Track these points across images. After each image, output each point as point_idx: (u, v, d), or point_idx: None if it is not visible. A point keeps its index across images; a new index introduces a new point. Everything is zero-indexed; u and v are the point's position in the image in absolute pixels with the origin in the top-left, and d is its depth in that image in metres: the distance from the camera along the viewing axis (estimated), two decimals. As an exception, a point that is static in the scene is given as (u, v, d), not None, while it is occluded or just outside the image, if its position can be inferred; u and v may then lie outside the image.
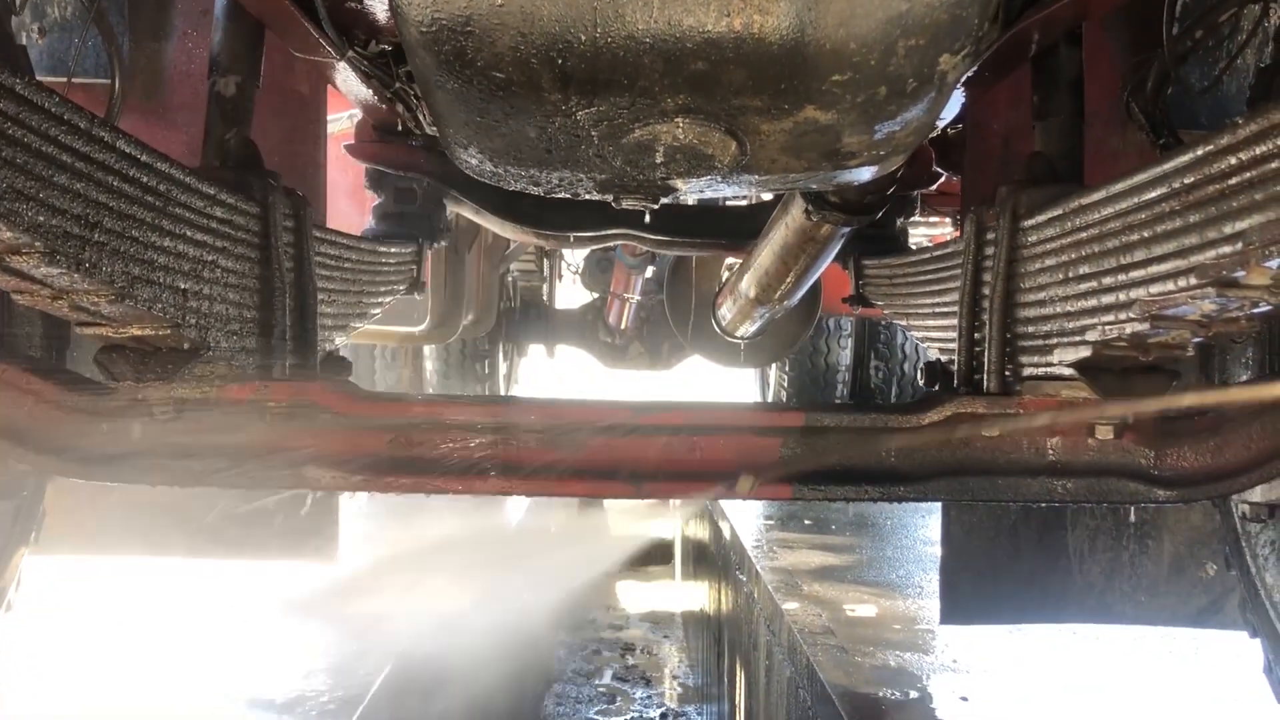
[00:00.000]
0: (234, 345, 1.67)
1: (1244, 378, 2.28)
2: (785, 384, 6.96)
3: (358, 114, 2.93)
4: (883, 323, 6.58)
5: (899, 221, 2.96)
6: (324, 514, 2.93)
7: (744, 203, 3.75)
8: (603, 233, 2.91)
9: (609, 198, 1.37)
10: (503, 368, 6.92)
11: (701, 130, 1.16)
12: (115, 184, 1.26)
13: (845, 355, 6.81)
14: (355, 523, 3.60)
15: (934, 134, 2.87)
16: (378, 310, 2.52)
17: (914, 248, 2.80)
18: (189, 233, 1.48)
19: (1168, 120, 2.09)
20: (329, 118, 3.18)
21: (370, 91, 2.31)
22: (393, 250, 2.62)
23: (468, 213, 3.07)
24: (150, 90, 2.71)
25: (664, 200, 1.37)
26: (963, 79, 2.14)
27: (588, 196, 1.40)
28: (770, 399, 7.33)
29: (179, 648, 3.36)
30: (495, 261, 5.33)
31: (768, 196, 3.06)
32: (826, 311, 4.33)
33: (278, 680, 3.09)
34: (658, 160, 1.22)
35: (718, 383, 8.83)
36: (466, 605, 3.86)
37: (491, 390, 6.63)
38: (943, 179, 2.99)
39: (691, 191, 1.36)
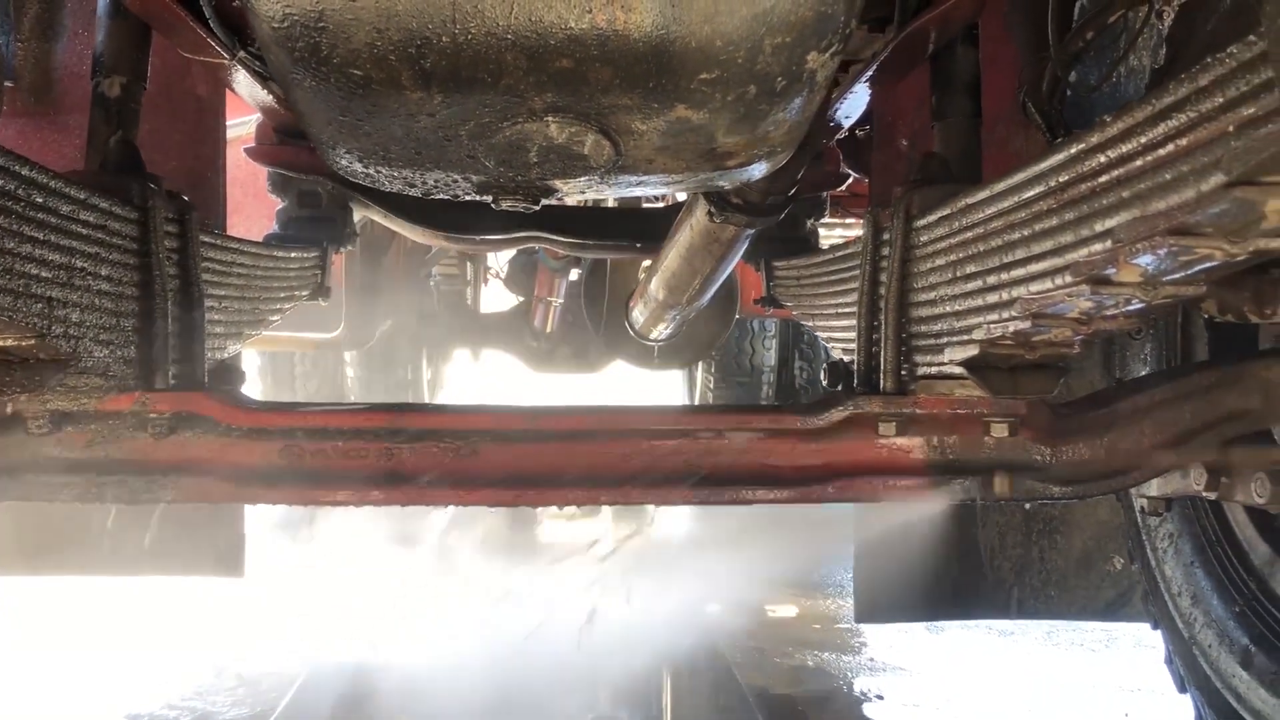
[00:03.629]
0: (110, 355, 1.61)
1: (1142, 373, 2.32)
2: (711, 385, 6.97)
3: (266, 117, 2.86)
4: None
5: (809, 223, 2.96)
6: (229, 527, 2.86)
7: (660, 204, 3.74)
8: (513, 235, 2.87)
9: (488, 199, 1.34)
10: (426, 373, 6.82)
11: (574, 130, 1.13)
12: (-35, 188, 1.20)
13: (770, 356, 6.83)
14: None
15: (842, 135, 2.89)
16: (277, 317, 2.45)
17: (822, 249, 2.80)
18: (55, 239, 1.42)
19: (1064, 121, 2.11)
20: (239, 121, 3.11)
21: (268, 93, 2.25)
22: (293, 255, 2.55)
23: (376, 216, 3.01)
24: (40, 92, 2.62)
25: (546, 201, 1.35)
26: (866, 78, 2.16)
27: (467, 198, 1.37)
28: (697, 400, 7.33)
29: (75, 668, 3.25)
30: (415, 265, 5.25)
31: (682, 197, 3.05)
32: (743, 314, 4.33)
33: (178, 697, 3.00)
34: (531, 160, 1.19)
35: (646, 385, 8.81)
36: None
37: (415, 396, 6.53)
38: (851, 180, 3.00)
39: (573, 192, 1.34)
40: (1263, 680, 1.94)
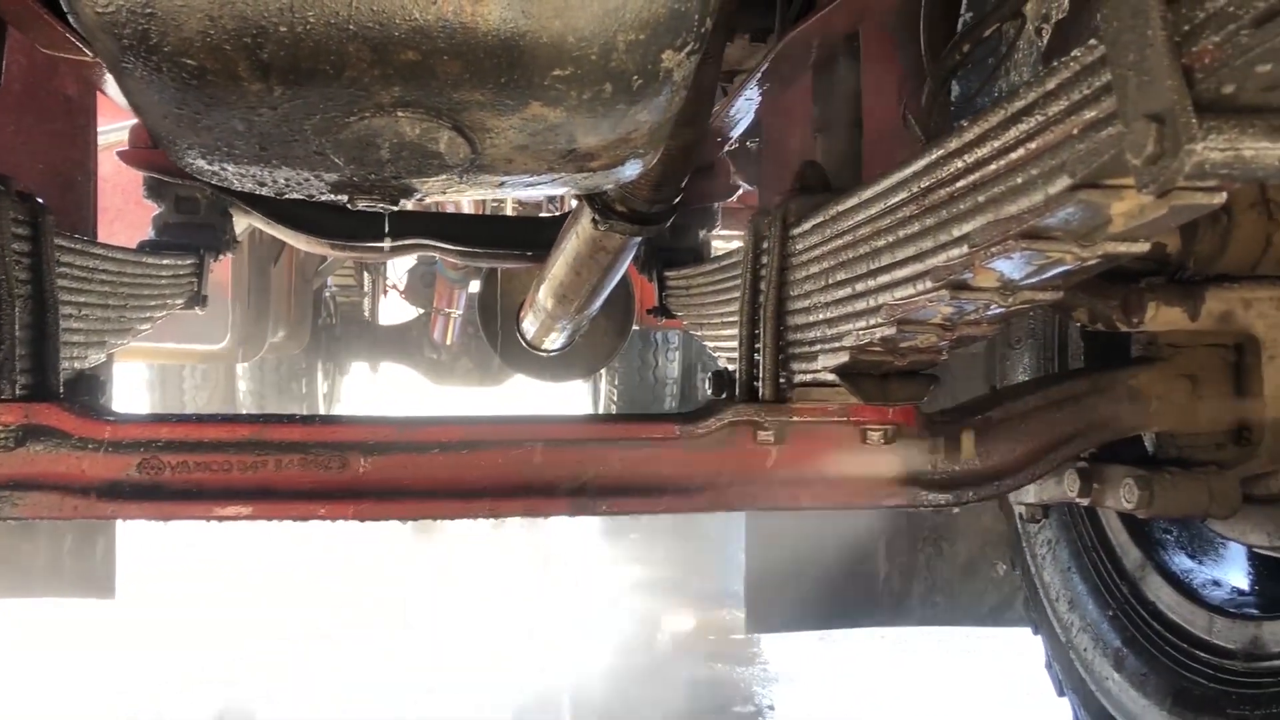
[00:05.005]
0: (-54, 363, 1.51)
1: (1022, 377, 2.36)
2: (615, 397, 6.96)
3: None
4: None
5: (701, 234, 2.96)
6: (98, 545, 2.75)
7: (555, 212, 3.70)
8: (399, 243, 2.81)
9: (344, 199, 1.30)
10: (323, 387, 6.68)
11: (426, 126, 1.09)
12: None
13: (673, 368, 6.85)
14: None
15: (733, 146, 2.89)
16: (146, 326, 2.35)
17: (711, 258, 2.80)
18: (-120, 240, 1.33)
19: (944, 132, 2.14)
20: (119, 125, 2.99)
21: (136, 93, 2.16)
22: (165, 262, 2.46)
23: (257, 223, 2.92)
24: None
25: (404, 203, 1.30)
26: (752, 88, 2.16)
27: (325, 198, 1.32)
28: (601, 411, 7.31)
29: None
30: (308, 275, 5.14)
31: (574, 204, 3.02)
32: (638, 324, 4.31)
33: None
34: (383, 157, 1.15)
35: (550, 397, 8.77)
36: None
37: (311, 410, 6.39)
38: (743, 191, 3.01)
39: (433, 192, 1.30)
40: (1133, 681, 1.98)
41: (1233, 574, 2.02)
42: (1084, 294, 1.83)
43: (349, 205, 1.30)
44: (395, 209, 1.30)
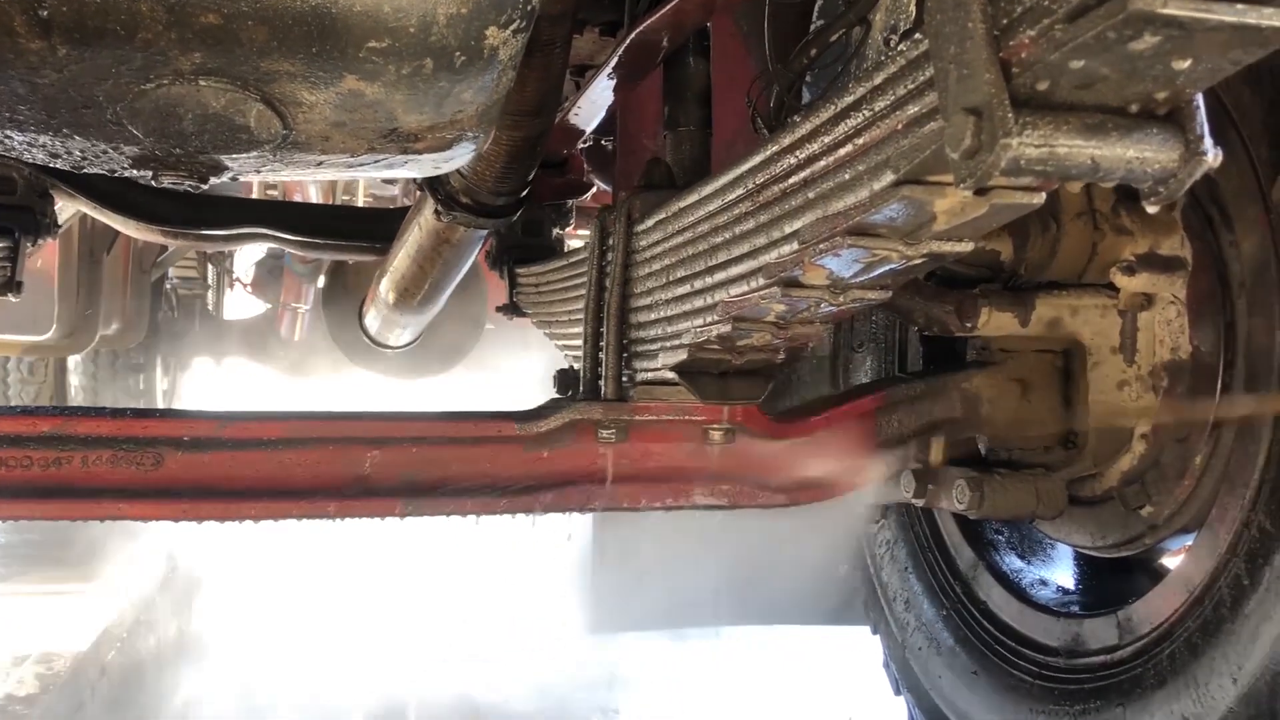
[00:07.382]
0: None
1: (865, 380, 2.40)
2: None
3: None
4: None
5: (555, 231, 2.91)
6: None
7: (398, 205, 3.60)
8: (235, 231, 2.68)
9: (147, 174, 1.20)
10: (163, 382, 6.38)
11: (232, 97, 1.02)
12: None
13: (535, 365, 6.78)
14: None
15: (587, 142, 2.86)
16: (-53, 313, 2.18)
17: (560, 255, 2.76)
18: None
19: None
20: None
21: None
22: (-29, 245, 2.28)
23: (82, 206, 2.75)
24: None
25: (215, 180, 1.22)
26: (606, 80, 2.12)
27: (128, 173, 1.22)
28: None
29: None
30: (146, 266, 4.88)
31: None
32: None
33: None
34: (187, 130, 1.07)
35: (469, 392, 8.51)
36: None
37: (149, 406, 6.09)
38: (597, 190, 2.98)
39: (245, 170, 1.22)
40: (964, 679, 2.02)
41: (1059, 574, 2.08)
42: (920, 298, 1.86)
43: (154, 182, 1.21)
44: (205, 187, 1.21)
